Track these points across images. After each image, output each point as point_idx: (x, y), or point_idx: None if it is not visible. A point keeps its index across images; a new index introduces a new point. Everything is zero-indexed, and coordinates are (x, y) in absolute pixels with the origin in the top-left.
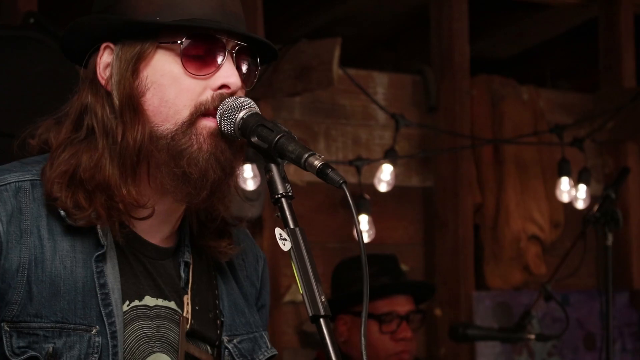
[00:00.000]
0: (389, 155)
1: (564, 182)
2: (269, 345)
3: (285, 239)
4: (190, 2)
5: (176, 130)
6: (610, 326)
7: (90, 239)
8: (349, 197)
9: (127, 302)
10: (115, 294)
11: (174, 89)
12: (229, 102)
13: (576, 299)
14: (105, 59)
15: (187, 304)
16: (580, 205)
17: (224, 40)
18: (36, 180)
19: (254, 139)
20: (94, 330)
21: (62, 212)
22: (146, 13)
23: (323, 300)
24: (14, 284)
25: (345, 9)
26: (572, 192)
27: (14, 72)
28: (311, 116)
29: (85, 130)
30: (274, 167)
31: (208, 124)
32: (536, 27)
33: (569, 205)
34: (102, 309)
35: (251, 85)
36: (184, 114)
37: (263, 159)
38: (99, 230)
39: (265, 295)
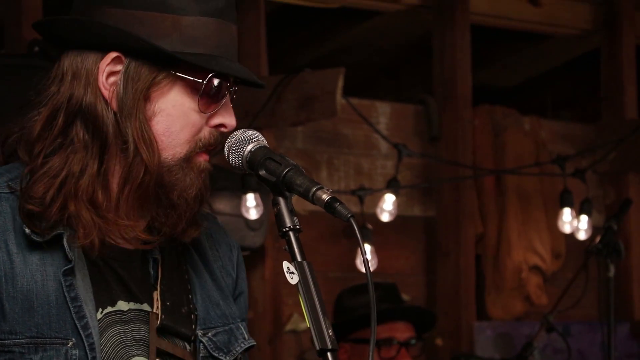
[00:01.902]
0: (392, 185)
1: (566, 213)
2: (247, 337)
3: (292, 273)
4: (210, 34)
5: (174, 163)
6: (612, 357)
7: (58, 252)
8: (357, 232)
9: (100, 310)
10: (88, 305)
11: (181, 121)
12: (237, 135)
13: (577, 329)
14: (112, 68)
15: (157, 300)
16: (582, 236)
17: (230, 80)
18: (1, 193)
19: (262, 172)
20: (71, 343)
21: (27, 230)
22: (166, 35)
23: (330, 334)
24: None
25: (348, 37)
26: (574, 223)
27: (18, 101)
28: (314, 145)
29: (75, 137)
30: (281, 201)
31: (201, 160)
32: (537, 57)
33: (570, 236)
34: (76, 321)
35: None
36: (184, 148)
37: (271, 192)
38: (65, 245)
39: (242, 282)
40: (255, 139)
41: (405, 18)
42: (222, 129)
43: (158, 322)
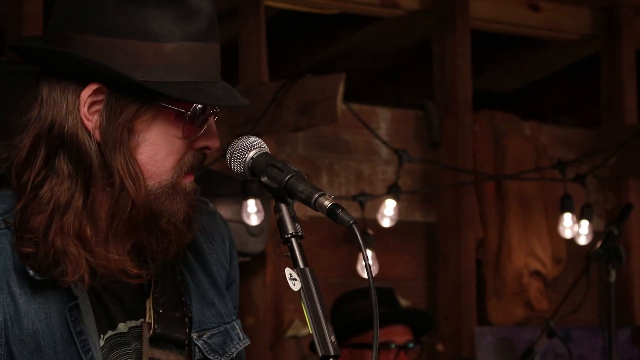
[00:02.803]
0: (392, 191)
1: (567, 218)
2: (242, 336)
3: (295, 279)
4: (193, 60)
5: (160, 191)
6: None
7: (62, 288)
8: (359, 238)
9: (102, 336)
10: (92, 337)
11: (166, 149)
12: (238, 141)
13: (578, 335)
14: (93, 99)
15: (149, 308)
16: (582, 241)
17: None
18: (0, 229)
19: (264, 179)
20: None
21: (31, 272)
22: (148, 65)
23: (333, 340)
24: None
25: (348, 43)
26: (575, 228)
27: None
28: (314, 151)
29: (59, 169)
30: (283, 207)
31: (186, 183)
32: (538, 62)
33: (571, 241)
34: (82, 355)
35: None
36: (169, 175)
37: (273, 199)
38: (71, 282)
39: (234, 270)
40: (257, 146)
41: (405, 23)
42: (206, 151)
43: (151, 331)
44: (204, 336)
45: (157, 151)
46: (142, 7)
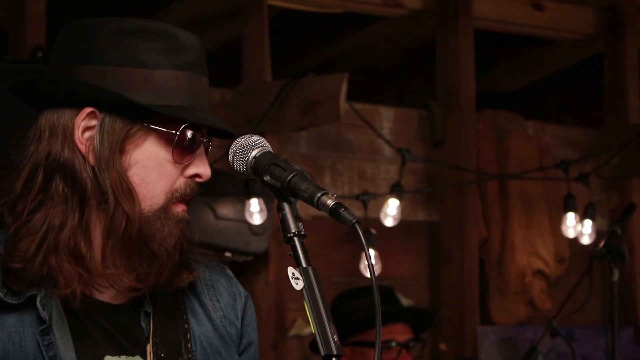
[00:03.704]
0: (395, 190)
1: (570, 218)
2: None
3: (297, 278)
4: (181, 87)
5: (152, 214)
6: None
7: (35, 311)
8: (362, 237)
9: None
10: None
11: (156, 172)
12: (241, 140)
13: (581, 334)
14: (87, 124)
15: (150, 353)
16: (585, 240)
17: (203, 131)
18: None
19: (267, 178)
20: None
21: (1, 294)
22: (138, 89)
23: (335, 339)
24: None
25: (351, 42)
26: (578, 228)
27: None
28: (317, 150)
29: (55, 193)
30: (286, 206)
31: (178, 210)
32: (541, 62)
33: (574, 240)
34: None
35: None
36: (160, 199)
37: (276, 198)
38: (39, 306)
39: (251, 332)
40: (260, 145)
41: (408, 23)
42: (197, 179)
43: None
44: None
45: (147, 173)
46: (132, 39)
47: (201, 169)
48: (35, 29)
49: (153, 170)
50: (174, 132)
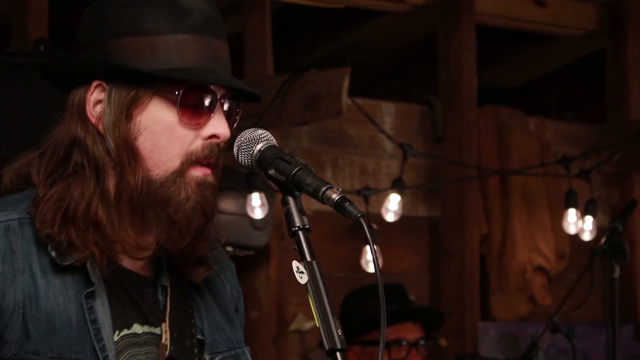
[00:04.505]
0: (397, 185)
1: (571, 214)
2: None
3: (302, 272)
4: (185, 49)
5: (166, 177)
6: (617, 358)
7: (80, 275)
8: (367, 231)
9: (117, 332)
10: (106, 328)
11: (167, 136)
12: (246, 134)
13: (582, 330)
14: (96, 97)
15: (166, 331)
16: (586, 237)
17: (216, 90)
18: (23, 218)
19: (272, 172)
20: None
21: (53, 253)
22: (141, 57)
23: (340, 333)
24: (11, 323)
25: (353, 37)
26: (579, 224)
27: (23, 99)
28: (319, 145)
29: (74, 164)
30: (291, 200)
31: (196, 173)
32: (542, 58)
33: (575, 237)
34: (95, 343)
35: (234, 124)
36: (175, 162)
37: (281, 192)
38: (89, 268)
39: (241, 304)
40: (265, 138)
41: (410, 18)
42: (215, 140)
43: (167, 352)
44: (216, 358)
45: (157, 138)
46: (138, 10)
47: (219, 129)
48: (37, 22)
49: (163, 134)
50: (175, 93)
